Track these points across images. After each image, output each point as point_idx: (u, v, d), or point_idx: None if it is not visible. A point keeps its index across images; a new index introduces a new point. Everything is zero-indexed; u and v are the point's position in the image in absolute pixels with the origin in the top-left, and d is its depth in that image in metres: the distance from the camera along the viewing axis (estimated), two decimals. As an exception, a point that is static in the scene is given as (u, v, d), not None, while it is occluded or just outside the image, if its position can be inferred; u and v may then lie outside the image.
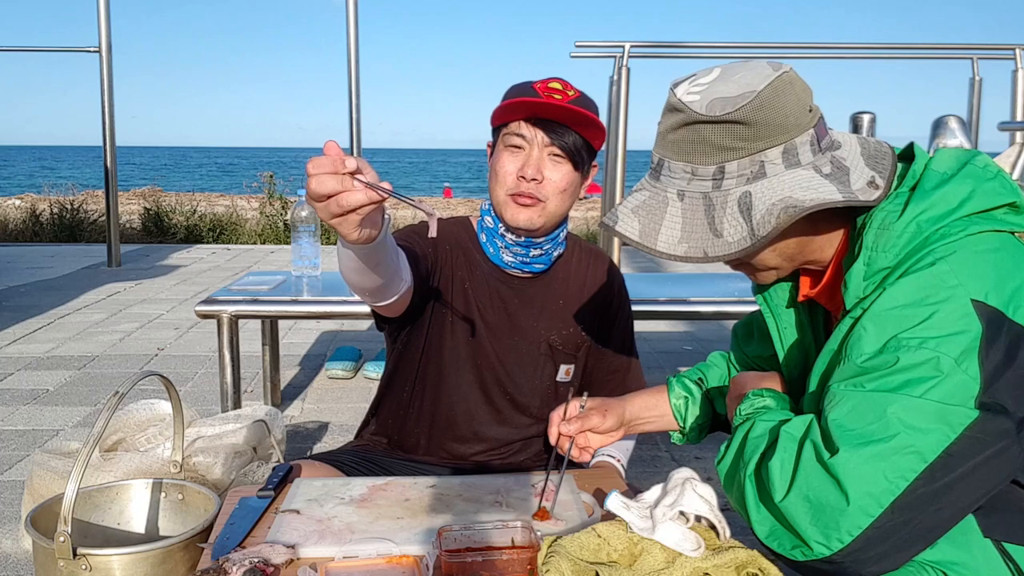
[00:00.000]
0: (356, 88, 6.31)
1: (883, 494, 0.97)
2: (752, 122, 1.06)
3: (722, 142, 1.07)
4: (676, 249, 1.11)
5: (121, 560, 1.31)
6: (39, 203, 11.51)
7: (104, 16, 7.23)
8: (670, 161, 1.12)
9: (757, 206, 1.06)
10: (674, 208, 1.12)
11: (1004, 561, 1.05)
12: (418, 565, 1.14)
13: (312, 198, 1.08)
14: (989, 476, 1.00)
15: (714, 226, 1.09)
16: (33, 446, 3.16)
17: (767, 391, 1.24)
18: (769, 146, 1.07)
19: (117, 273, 7.21)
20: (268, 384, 3.67)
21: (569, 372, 1.75)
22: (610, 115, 6.85)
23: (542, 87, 1.57)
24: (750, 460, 1.08)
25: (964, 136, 3.61)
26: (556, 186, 1.58)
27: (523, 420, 1.73)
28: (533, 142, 1.56)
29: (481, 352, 1.70)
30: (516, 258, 1.66)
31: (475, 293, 1.69)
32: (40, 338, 4.87)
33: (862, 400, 1.01)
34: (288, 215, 9.24)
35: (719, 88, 1.08)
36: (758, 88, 1.07)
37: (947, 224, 1.06)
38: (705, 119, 1.07)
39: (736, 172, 1.08)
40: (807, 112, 1.09)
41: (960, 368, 0.98)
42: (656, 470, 2.99)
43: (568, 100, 1.55)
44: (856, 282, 1.10)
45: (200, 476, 2.09)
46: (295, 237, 3.31)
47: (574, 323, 1.74)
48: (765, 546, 1.05)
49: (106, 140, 7.41)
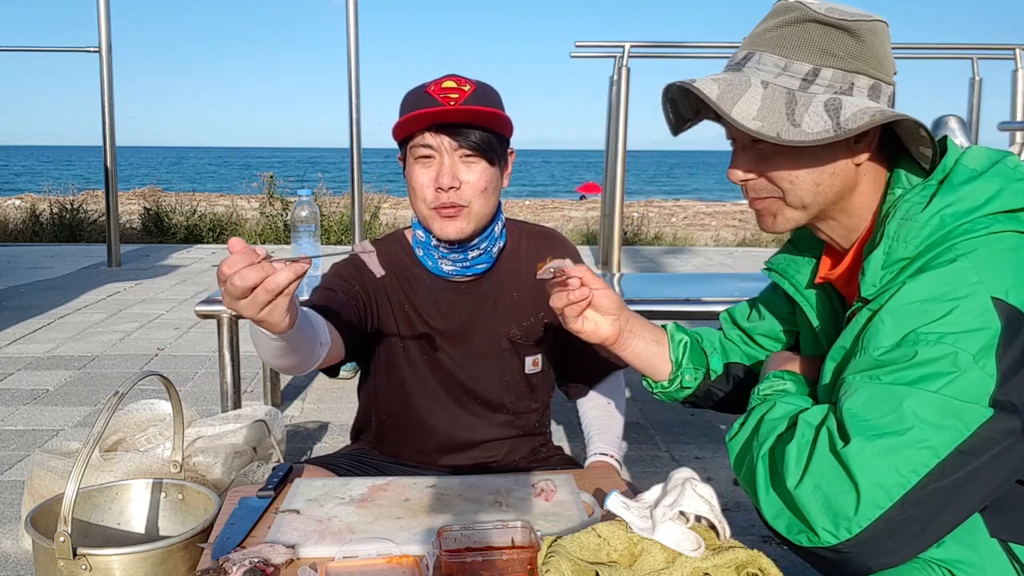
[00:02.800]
0: (356, 88, 6.31)
1: (894, 487, 0.97)
2: (863, 38, 1.10)
3: (828, 46, 1.11)
4: (750, 123, 1.10)
5: (121, 560, 1.31)
6: (39, 203, 11.51)
7: (104, 16, 7.22)
8: (762, 54, 1.14)
9: (847, 108, 1.08)
10: (755, 91, 1.12)
11: (1010, 561, 1.06)
12: (418, 565, 1.14)
13: (236, 296, 1.07)
14: (997, 474, 1.00)
15: (793, 117, 1.10)
16: (33, 446, 3.16)
17: (788, 373, 1.24)
18: (865, 72, 1.11)
19: (117, 273, 7.21)
20: (268, 384, 3.67)
21: (537, 362, 1.72)
22: (610, 115, 6.85)
23: (436, 90, 1.52)
24: (765, 441, 1.08)
25: (964, 136, 3.62)
26: (475, 187, 1.54)
27: (501, 418, 1.72)
28: (441, 149, 1.52)
29: (441, 365, 1.67)
30: (456, 265, 1.63)
31: (422, 309, 1.66)
32: (40, 338, 4.87)
33: (878, 392, 1.01)
34: (288, 215, 9.24)
35: (837, 3, 1.14)
36: (874, 17, 1.12)
37: (971, 220, 1.06)
38: (821, 18, 1.11)
39: (828, 80, 1.11)
40: (894, 72, 1.15)
41: (977, 365, 0.98)
42: (656, 470, 2.99)
43: (465, 97, 1.51)
44: (874, 270, 1.10)
45: (200, 476, 2.09)
46: (295, 237, 3.31)
47: (533, 313, 1.69)
48: (768, 527, 1.06)
49: (106, 140, 7.41)
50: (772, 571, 1.07)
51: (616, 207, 6.85)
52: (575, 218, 13.72)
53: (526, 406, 1.74)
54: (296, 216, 3.26)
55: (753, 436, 1.12)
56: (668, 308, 3.01)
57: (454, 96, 1.51)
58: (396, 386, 1.69)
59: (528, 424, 1.76)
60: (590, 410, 1.80)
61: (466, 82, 1.54)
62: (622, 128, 6.62)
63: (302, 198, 3.30)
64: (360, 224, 6.57)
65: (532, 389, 1.74)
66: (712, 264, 8.01)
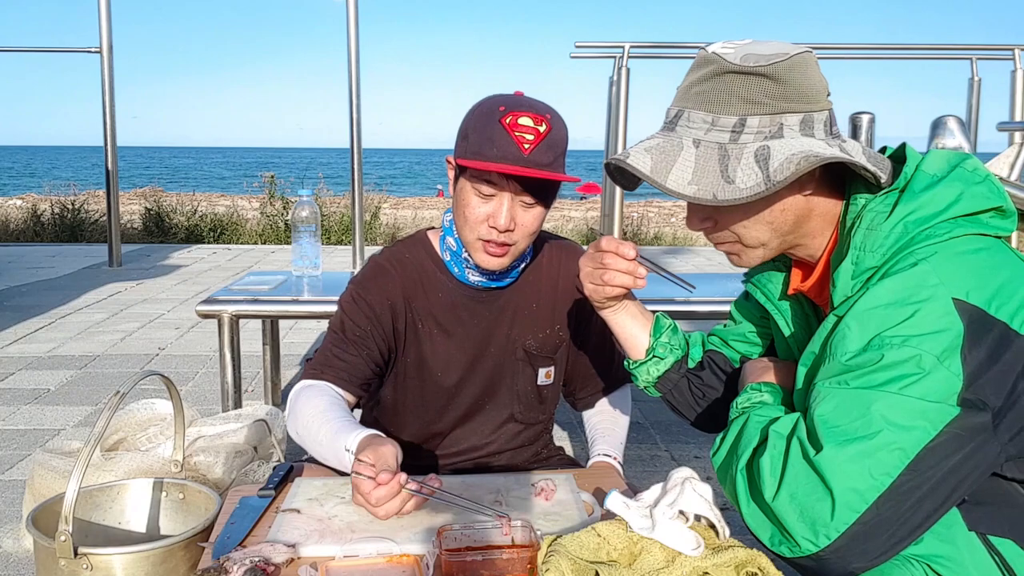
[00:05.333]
0: (356, 88, 6.32)
1: (868, 490, 0.99)
2: (782, 80, 1.10)
3: (749, 94, 1.11)
4: (685, 189, 1.12)
5: (122, 559, 1.31)
6: (40, 203, 11.52)
7: (105, 17, 7.23)
8: (690, 111, 1.15)
9: (776, 156, 1.09)
10: (688, 153, 1.13)
11: (989, 554, 1.07)
12: (418, 564, 1.14)
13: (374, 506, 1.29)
14: (971, 470, 1.01)
15: (726, 174, 1.11)
16: (34, 446, 3.16)
17: (765, 385, 1.25)
18: (791, 110, 1.11)
19: (118, 273, 7.21)
20: (269, 384, 3.67)
21: (549, 375, 1.72)
22: (610, 115, 6.85)
23: (513, 125, 1.46)
24: (742, 455, 1.10)
25: (963, 136, 3.61)
26: (527, 230, 1.53)
27: (512, 428, 1.72)
28: (504, 190, 1.49)
29: (453, 372, 1.67)
30: (482, 277, 1.62)
31: (439, 316, 1.64)
32: (41, 338, 4.87)
33: (846, 397, 1.02)
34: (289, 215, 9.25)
35: (753, 47, 1.13)
36: (791, 52, 1.12)
37: (933, 226, 1.08)
38: (737, 69, 1.11)
39: (756, 127, 1.11)
40: (826, 95, 1.14)
41: (943, 365, 1.00)
42: (656, 470, 2.99)
43: (540, 140, 1.46)
44: (844, 281, 1.12)
45: (201, 475, 2.09)
46: (296, 237, 3.31)
47: (550, 325, 1.70)
48: (755, 537, 1.07)
49: (107, 140, 7.42)
50: (771, 570, 1.07)
51: (616, 207, 6.85)
52: (575, 218, 13.72)
53: (534, 417, 1.74)
54: (296, 216, 3.26)
55: (732, 451, 1.13)
56: (668, 308, 2.99)
57: (529, 138, 1.46)
58: (412, 393, 1.68)
59: (534, 434, 1.76)
60: (594, 415, 1.81)
61: (541, 120, 1.48)
62: (622, 128, 6.61)
63: (302, 198, 3.30)
64: (360, 224, 6.57)
65: (542, 401, 1.73)
66: (712, 264, 8.00)
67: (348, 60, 6.29)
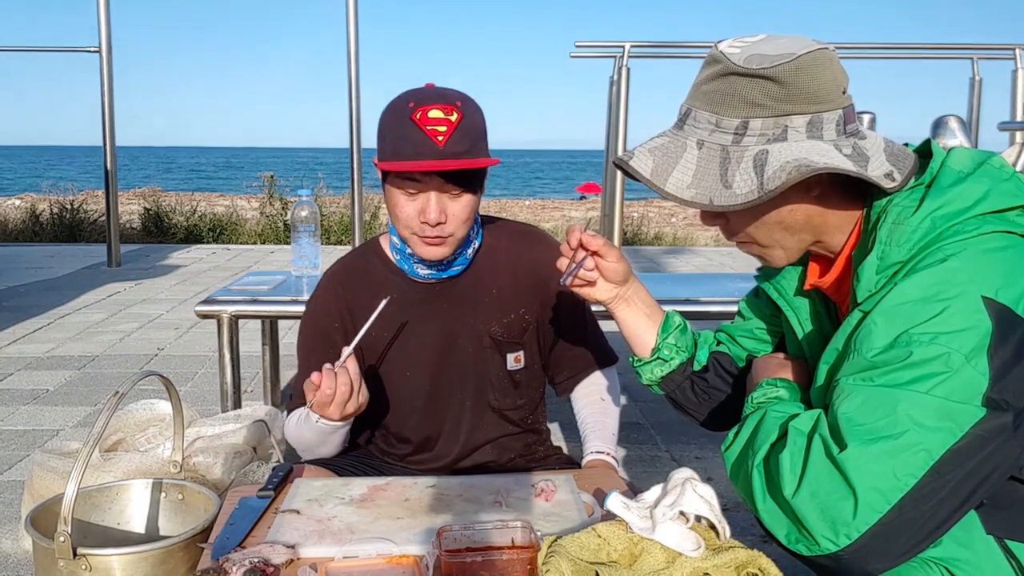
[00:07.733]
0: (356, 88, 6.31)
1: (891, 491, 0.97)
2: (785, 82, 1.08)
3: (752, 97, 1.09)
4: (683, 193, 1.12)
5: (121, 560, 1.31)
6: (39, 203, 11.51)
7: (104, 16, 7.22)
8: (697, 111, 1.14)
9: (771, 163, 1.08)
10: (690, 155, 1.13)
11: (1006, 558, 1.06)
12: (418, 565, 1.14)
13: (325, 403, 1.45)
14: (991, 472, 1.00)
15: (725, 178, 1.10)
16: (33, 446, 3.16)
17: (781, 381, 1.24)
18: (797, 112, 1.09)
19: (117, 273, 7.20)
20: (268, 384, 3.67)
21: (519, 359, 1.71)
22: (610, 115, 6.85)
23: (423, 119, 1.46)
24: (759, 450, 1.09)
25: (964, 136, 3.61)
26: (460, 218, 1.53)
27: (491, 417, 1.72)
28: (428, 185, 1.50)
29: (424, 367, 1.67)
30: (431, 269, 1.63)
31: (401, 315, 1.65)
32: (40, 338, 4.87)
33: (872, 395, 1.01)
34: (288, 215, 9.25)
35: (761, 47, 1.11)
36: (798, 52, 1.09)
37: (961, 222, 1.06)
38: (741, 71, 1.09)
39: (759, 130, 1.10)
40: (840, 93, 1.11)
41: (970, 364, 0.98)
42: (656, 470, 2.99)
43: (453, 129, 1.46)
44: (869, 275, 1.10)
45: (200, 476, 2.08)
46: (295, 237, 3.30)
47: (514, 309, 1.69)
48: (769, 534, 1.06)
49: (106, 140, 7.41)
50: (772, 571, 1.07)
51: (616, 207, 6.85)
52: (575, 218, 13.72)
53: (511, 403, 1.74)
54: (296, 216, 3.26)
55: (748, 446, 1.12)
56: (668, 308, 3.00)
57: (442, 129, 1.46)
58: (383, 395, 1.69)
59: (517, 420, 1.76)
60: (584, 408, 1.80)
61: (452, 109, 1.48)
62: (622, 128, 6.61)
63: (302, 198, 3.30)
64: (360, 224, 6.57)
65: (516, 386, 1.73)
66: (712, 264, 8.00)
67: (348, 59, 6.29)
